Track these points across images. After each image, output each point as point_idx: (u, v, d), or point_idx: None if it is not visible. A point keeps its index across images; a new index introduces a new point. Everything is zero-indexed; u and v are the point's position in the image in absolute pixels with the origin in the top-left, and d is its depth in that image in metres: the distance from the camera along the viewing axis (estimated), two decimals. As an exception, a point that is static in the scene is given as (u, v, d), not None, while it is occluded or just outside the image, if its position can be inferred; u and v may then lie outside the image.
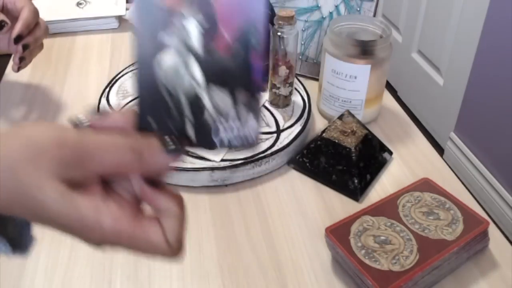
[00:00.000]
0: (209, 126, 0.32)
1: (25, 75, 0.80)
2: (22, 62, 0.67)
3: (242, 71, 0.31)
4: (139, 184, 0.32)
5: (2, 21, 0.63)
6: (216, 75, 0.31)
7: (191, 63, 0.31)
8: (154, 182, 0.32)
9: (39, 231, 0.54)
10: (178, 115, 0.32)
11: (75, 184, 0.30)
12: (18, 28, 0.64)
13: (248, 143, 0.32)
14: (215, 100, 0.32)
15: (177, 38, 0.31)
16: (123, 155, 0.31)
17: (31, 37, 0.66)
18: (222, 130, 0.32)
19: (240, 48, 0.31)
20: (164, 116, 0.33)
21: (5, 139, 0.29)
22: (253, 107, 0.32)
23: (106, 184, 0.32)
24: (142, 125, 0.33)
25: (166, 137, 0.32)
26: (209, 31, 0.31)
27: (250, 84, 0.32)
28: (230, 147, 0.33)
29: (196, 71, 0.32)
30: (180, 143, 0.32)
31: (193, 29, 0.31)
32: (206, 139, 0.32)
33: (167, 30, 0.31)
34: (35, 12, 0.67)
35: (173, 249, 0.32)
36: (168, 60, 0.32)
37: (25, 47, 0.66)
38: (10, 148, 0.29)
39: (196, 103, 0.32)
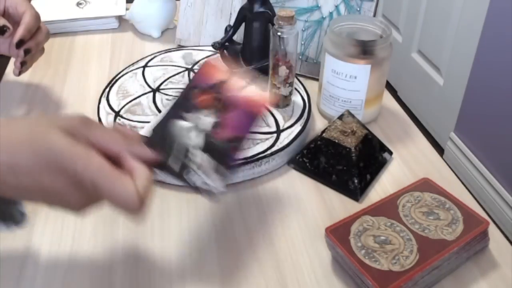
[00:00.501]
0: (187, 170, 0.46)
1: (25, 75, 0.80)
2: (23, 67, 0.68)
3: (223, 155, 0.47)
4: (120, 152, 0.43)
5: (4, 26, 0.63)
6: (208, 148, 0.47)
7: (196, 134, 0.48)
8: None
9: (39, 232, 0.54)
10: (177, 153, 0.47)
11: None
12: (20, 33, 0.64)
13: (209, 193, 0.46)
14: (200, 160, 0.47)
15: (193, 118, 0.49)
16: (117, 138, 0.43)
17: (33, 42, 0.66)
18: (196, 178, 0.46)
19: (226, 143, 0.48)
20: (165, 148, 0.47)
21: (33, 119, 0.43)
22: (223, 175, 0.46)
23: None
24: (149, 141, 0.47)
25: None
26: (215, 127, 0.49)
27: (226, 163, 0.47)
28: (196, 189, 0.46)
29: (199, 139, 0.48)
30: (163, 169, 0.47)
31: (207, 121, 0.49)
32: (182, 177, 0.46)
33: (187, 110, 0.50)
34: (37, 17, 0.67)
35: (141, 201, 0.40)
36: (186, 125, 0.49)
37: (26, 52, 0.66)
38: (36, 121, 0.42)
39: (182, 150, 0.47)
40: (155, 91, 0.73)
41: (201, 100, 0.51)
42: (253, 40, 0.75)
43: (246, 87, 0.54)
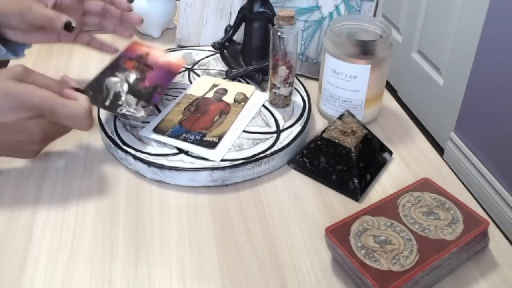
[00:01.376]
0: (119, 105, 0.64)
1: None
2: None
3: (147, 95, 0.66)
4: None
5: (68, 21, 0.63)
6: (133, 92, 0.66)
7: (124, 85, 0.67)
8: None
9: (39, 232, 0.54)
10: (105, 96, 0.65)
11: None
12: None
13: (136, 119, 0.63)
14: (127, 98, 0.65)
15: (123, 75, 0.68)
16: (53, 82, 0.57)
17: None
18: (125, 109, 0.63)
19: (151, 88, 0.67)
20: (97, 93, 0.64)
21: None
22: (145, 109, 0.64)
23: None
24: (82, 89, 0.62)
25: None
26: (139, 79, 0.68)
27: (148, 101, 0.66)
28: (123, 115, 0.63)
29: (125, 87, 0.66)
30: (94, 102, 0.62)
31: (133, 76, 0.69)
32: (116, 110, 0.63)
33: (119, 71, 0.69)
34: None
35: (88, 114, 0.56)
36: (114, 79, 0.67)
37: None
38: None
39: (117, 96, 0.65)
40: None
41: (128, 64, 0.70)
42: (253, 40, 0.75)
43: (166, 55, 0.74)
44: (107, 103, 0.63)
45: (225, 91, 0.73)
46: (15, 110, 0.52)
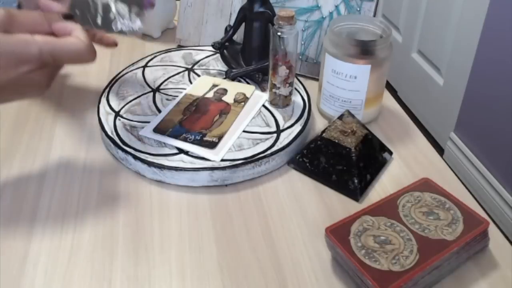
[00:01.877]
0: (112, 20, 0.57)
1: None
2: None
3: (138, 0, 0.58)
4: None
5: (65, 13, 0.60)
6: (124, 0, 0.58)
7: None
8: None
9: (39, 233, 0.54)
10: (94, 12, 0.58)
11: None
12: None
13: (135, 33, 0.58)
14: (118, 8, 0.58)
15: None
16: (37, 16, 0.53)
17: None
18: (119, 24, 0.58)
19: None
20: (85, 11, 0.57)
21: None
22: (140, 15, 0.58)
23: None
24: (69, 13, 0.56)
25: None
26: None
27: (140, 4, 0.58)
28: (121, 32, 0.58)
29: None
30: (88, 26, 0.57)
31: None
32: (109, 26, 0.58)
33: None
34: None
35: (89, 45, 0.52)
36: None
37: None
38: None
39: (106, 8, 0.58)
40: (155, 91, 0.73)
41: None
42: (253, 40, 0.75)
43: None
44: (98, 20, 0.58)
45: (225, 91, 0.73)
46: (15, 66, 0.49)
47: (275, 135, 0.65)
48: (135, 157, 0.61)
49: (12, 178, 0.61)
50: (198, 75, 0.78)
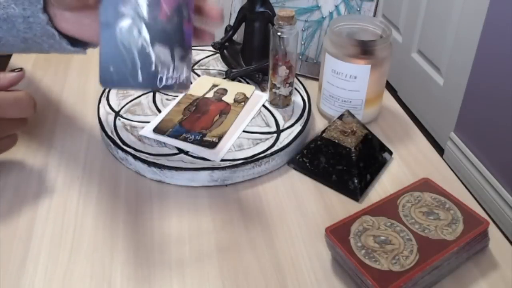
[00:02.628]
0: (155, 73, 0.42)
1: (25, 75, 0.80)
2: None
3: (177, 34, 0.43)
4: None
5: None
6: (159, 36, 0.42)
7: (142, 28, 0.42)
8: None
9: (39, 232, 0.54)
10: (131, 66, 0.42)
11: None
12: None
13: (183, 86, 0.45)
14: (158, 55, 0.42)
15: (131, 9, 0.41)
16: None
17: None
18: (164, 78, 0.43)
19: (175, 17, 0.43)
20: (121, 67, 0.42)
21: None
22: (186, 60, 0.44)
23: None
24: (104, 75, 0.42)
25: None
26: (154, 5, 0.42)
27: (183, 43, 0.44)
28: (168, 88, 0.44)
29: (145, 33, 0.42)
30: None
31: (142, 2, 0.42)
32: (156, 85, 0.43)
33: (124, 3, 0.41)
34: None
35: (30, 97, 0.53)
36: (125, 25, 0.41)
37: None
38: None
39: (145, 57, 0.42)
40: (155, 91, 0.73)
41: None
42: (253, 40, 0.75)
43: None
44: (139, 78, 0.42)
45: (225, 91, 0.73)
46: None
47: (275, 135, 0.65)
48: (135, 157, 0.61)
49: (12, 178, 0.61)
50: (198, 75, 0.78)
